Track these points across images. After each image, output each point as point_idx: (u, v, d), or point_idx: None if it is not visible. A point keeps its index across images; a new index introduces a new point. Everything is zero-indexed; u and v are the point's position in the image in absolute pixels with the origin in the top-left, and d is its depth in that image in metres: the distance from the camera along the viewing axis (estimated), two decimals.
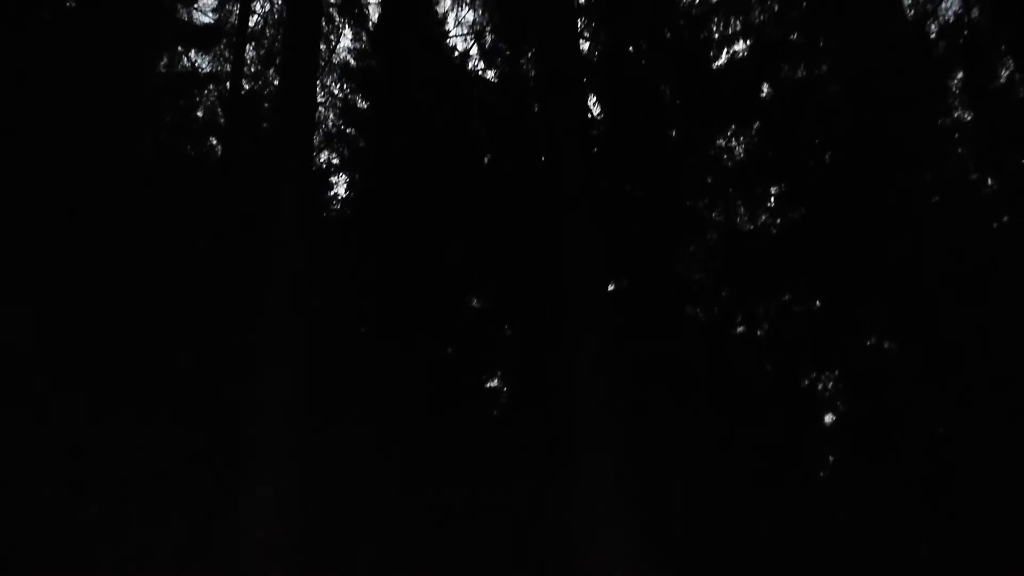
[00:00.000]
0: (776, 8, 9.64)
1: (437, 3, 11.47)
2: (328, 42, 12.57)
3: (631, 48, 9.77)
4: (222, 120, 11.03)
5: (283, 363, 6.49)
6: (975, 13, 8.53)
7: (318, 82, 12.01)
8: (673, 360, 8.03)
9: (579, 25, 10.71)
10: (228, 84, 11.39)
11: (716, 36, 9.47)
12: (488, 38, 11.39)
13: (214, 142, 10.78)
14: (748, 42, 9.43)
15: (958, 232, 7.12)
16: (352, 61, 11.41)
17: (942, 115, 8.08)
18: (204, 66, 11.90)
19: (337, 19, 12.64)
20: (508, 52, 11.08)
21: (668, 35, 9.52)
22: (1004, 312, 7.17)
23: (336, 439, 7.77)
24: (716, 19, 9.78)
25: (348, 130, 10.77)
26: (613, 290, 8.99)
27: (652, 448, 7.26)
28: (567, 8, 9.52)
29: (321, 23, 11.57)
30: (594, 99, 10.36)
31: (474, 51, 11.13)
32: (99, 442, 6.86)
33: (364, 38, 11.70)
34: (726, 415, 7.74)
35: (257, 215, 7.99)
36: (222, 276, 8.60)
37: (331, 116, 11.34)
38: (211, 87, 11.19)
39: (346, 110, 10.91)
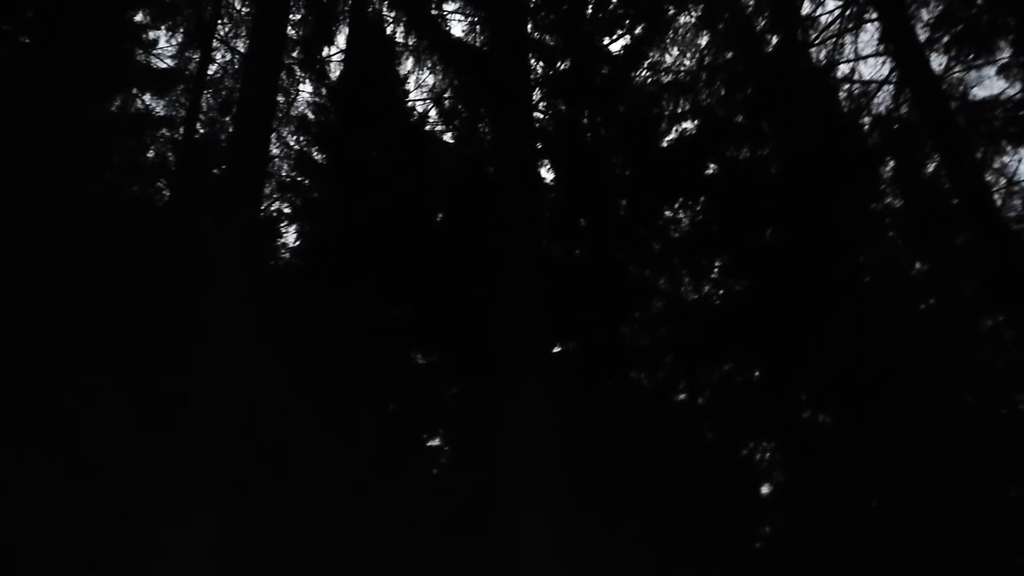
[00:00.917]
0: (723, 92, 10.20)
1: (399, 64, 11.73)
2: (287, 94, 12.71)
3: (585, 119, 10.12)
4: (172, 163, 10.94)
5: (213, 420, 6.32)
6: (904, 109, 9.16)
7: (274, 132, 12.11)
8: (616, 424, 8.07)
9: (536, 94, 11.13)
10: (182, 129, 11.36)
11: (667, 113, 9.93)
12: (447, 102, 11.67)
13: (163, 184, 10.63)
14: (696, 121, 9.92)
15: (888, 311, 7.47)
16: (311, 115, 11.50)
17: (875, 201, 8.58)
18: (159, 110, 11.87)
19: (298, 73, 12.83)
20: (466, 115, 11.34)
21: (621, 109, 9.93)
22: (928, 390, 7.49)
23: (267, 499, 7.49)
24: (667, 97, 10.27)
25: (303, 180, 10.77)
26: (559, 352, 9.07)
27: (592, 512, 7.20)
28: (524, 77, 9.91)
29: (280, 76, 11.73)
30: (548, 166, 10.64)
31: (433, 113, 11.33)
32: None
33: (324, 93, 11.84)
34: (667, 482, 7.76)
35: (201, 260, 7.86)
36: (157, 320, 8.36)
37: (286, 166, 11.35)
38: (164, 131, 11.12)
39: (301, 161, 10.94)
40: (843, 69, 9.73)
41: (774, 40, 9.87)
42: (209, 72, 12.42)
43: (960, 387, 7.83)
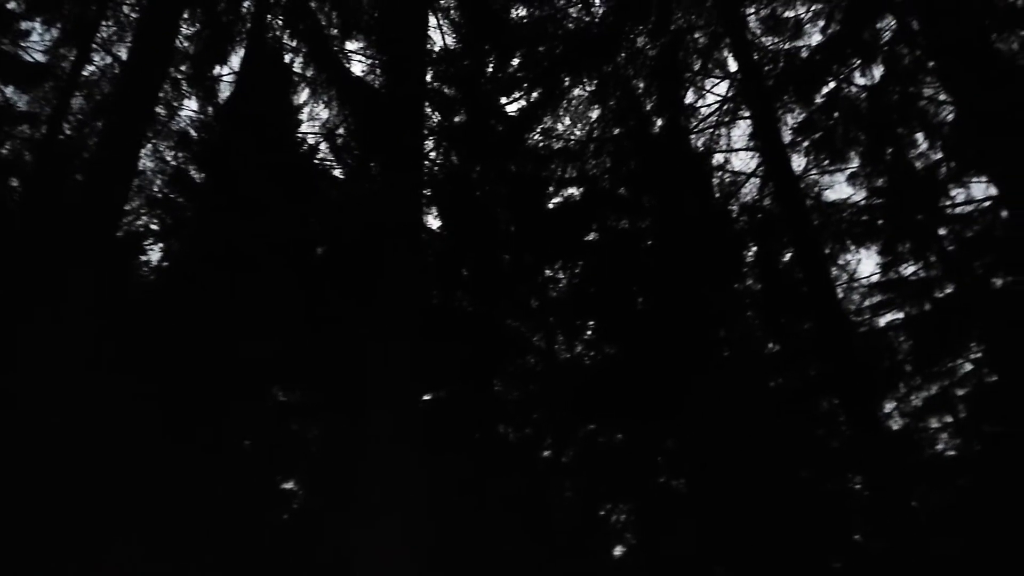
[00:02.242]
0: (608, 163, 10.74)
1: (294, 94, 11.53)
2: (169, 108, 12.12)
3: (476, 173, 10.32)
4: (29, 163, 10.09)
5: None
6: (767, 202, 10.01)
7: (150, 145, 11.48)
8: (481, 477, 8.03)
9: (430, 142, 11.26)
10: (45, 128, 10.55)
11: (555, 177, 10.32)
12: (340, 139, 11.55)
13: (15, 183, 9.76)
14: (582, 188, 10.37)
15: (742, 386, 7.99)
16: (193, 132, 11.02)
17: (738, 281, 9.25)
18: (21, 105, 10.99)
19: (184, 87, 12.30)
20: (357, 154, 11.26)
21: (512, 168, 10.21)
22: (771, 464, 8.01)
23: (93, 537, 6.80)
24: (556, 162, 10.68)
25: (176, 198, 10.22)
26: (430, 399, 8.98)
27: (451, 565, 7.06)
28: (419, 124, 10.02)
29: (163, 87, 11.21)
30: (436, 214, 10.71)
31: (324, 147, 11.17)
32: None
33: (210, 111, 11.40)
34: (527, 538, 7.76)
35: (47, 270, 7.22)
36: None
37: (159, 181, 10.75)
38: (25, 127, 10.28)
39: (177, 178, 10.40)
40: (718, 158, 10.57)
41: (659, 122, 10.59)
42: (84, 73, 11.69)
43: (798, 463, 8.42)
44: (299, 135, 11.02)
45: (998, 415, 8.05)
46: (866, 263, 25.80)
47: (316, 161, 10.70)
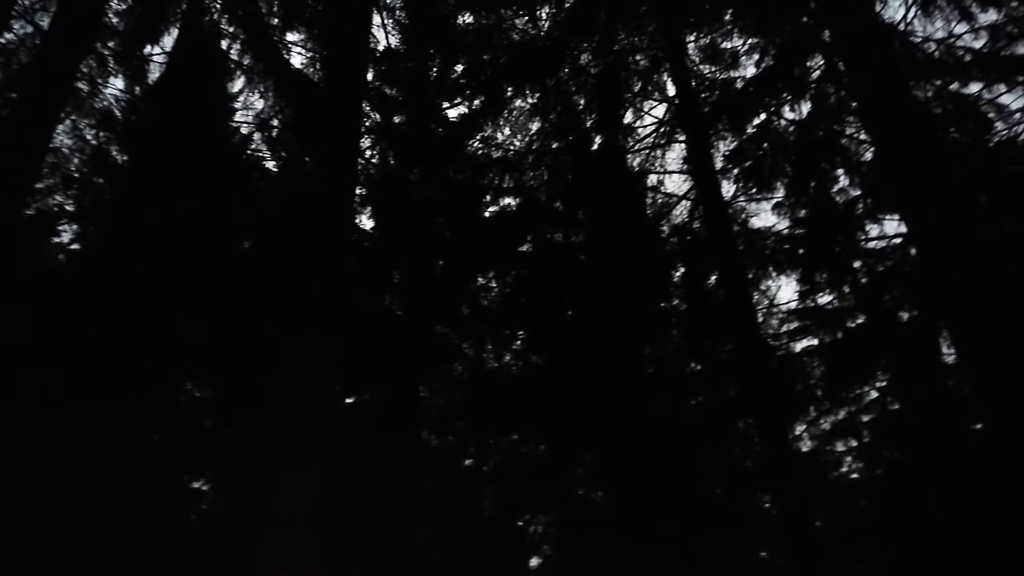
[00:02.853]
0: (546, 176, 10.85)
1: (229, 81, 11.17)
2: (93, 84, 11.54)
3: (414, 176, 10.24)
4: None
5: None
6: (696, 224, 10.31)
7: (69, 121, 10.89)
8: (400, 482, 7.93)
9: (368, 141, 11.11)
10: None
11: (493, 186, 10.35)
12: (274, 130, 11.26)
13: None
14: (518, 199, 10.43)
15: (665, 402, 8.19)
16: (118, 111, 10.52)
17: (665, 301, 9.49)
18: None
19: (110, 65, 11.74)
20: (291, 147, 11.01)
21: (450, 174, 10.18)
22: (690, 481, 8.23)
23: None
24: (494, 171, 10.71)
25: (95, 179, 9.72)
26: (353, 402, 8.83)
27: (359, 569, 6.94)
28: (356, 122, 9.88)
29: (88, 63, 10.68)
30: (370, 214, 10.56)
31: (257, 137, 10.85)
32: None
33: (138, 91, 10.91)
34: (441, 545, 7.71)
35: None
36: None
37: (77, 160, 10.20)
38: None
39: (98, 158, 9.90)
40: (652, 179, 10.84)
41: (598, 139, 10.77)
42: (1, 41, 11.01)
43: (713, 480, 8.69)
44: (232, 123, 10.67)
45: (898, 441, 8.52)
46: (785, 290, 26.72)
47: (248, 151, 10.39)
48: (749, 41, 10.32)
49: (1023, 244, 8.21)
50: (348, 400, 8.98)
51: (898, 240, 9.03)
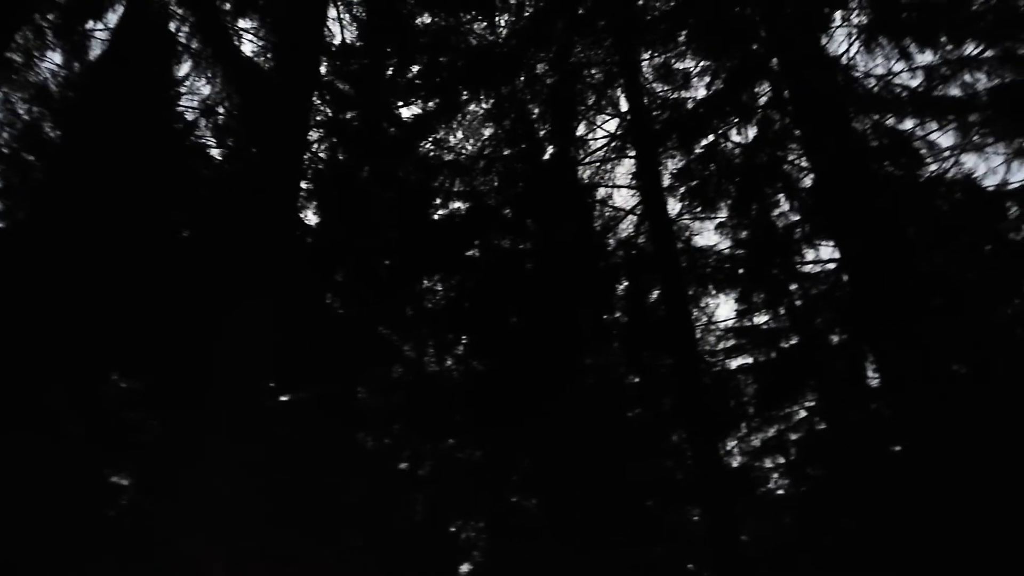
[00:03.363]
0: (496, 183, 10.87)
1: (176, 65, 10.83)
2: (27, 56, 11.03)
3: (364, 174, 10.12)
4: None
5: None
6: (642, 240, 10.47)
7: (1, 93, 10.37)
8: (334, 484, 7.80)
9: (315, 136, 10.93)
10: None
11: (443, 189, 10.31)
12: (221, 117, 10.97)
13: None
14: (468, 203, 10.41)
15: (602, 413, 8.28)
16: (54, 86, 10.07)
17: (608, 312, 9.60)
18: None
19: (49, 38, 11.24)
20: (238, 136, 10.73)
21: (400, 174, 10.10)
22: (621, 492, 8.34)
23: None
24: (445, 174, 10.67)
25: (25, 155, 9.29)
26: (288, 400, 8.64)
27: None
28: (305, 113, 9.73)
29: (22, 32, 10.20)
30: (315, 209, 10.38)
31: (203, 124, 10.55)
32: None
33: (77, 68, 10.47)
34: (375, 550, 7.61)
35: None
36: None
37: (6, 135, 9.72)
38: None
39: (29, 133, 9.46)
40: (601, 192, 10.97)
41: (551, 149, 10.85)
42: None
43: (645, 491, 8.82)
44: (177, 108, 10.35)
45: (822, 460, 8.83)
46: (724, 308, 27.33)
47: (193, 137, 10.09)
48: (701, 64, 10.56)
49: (946, 278, 8.64)
50: (284, 398, 8.79)
51: (832, 265, 9.36)
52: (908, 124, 9.64)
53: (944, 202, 8.92)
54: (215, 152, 10.41)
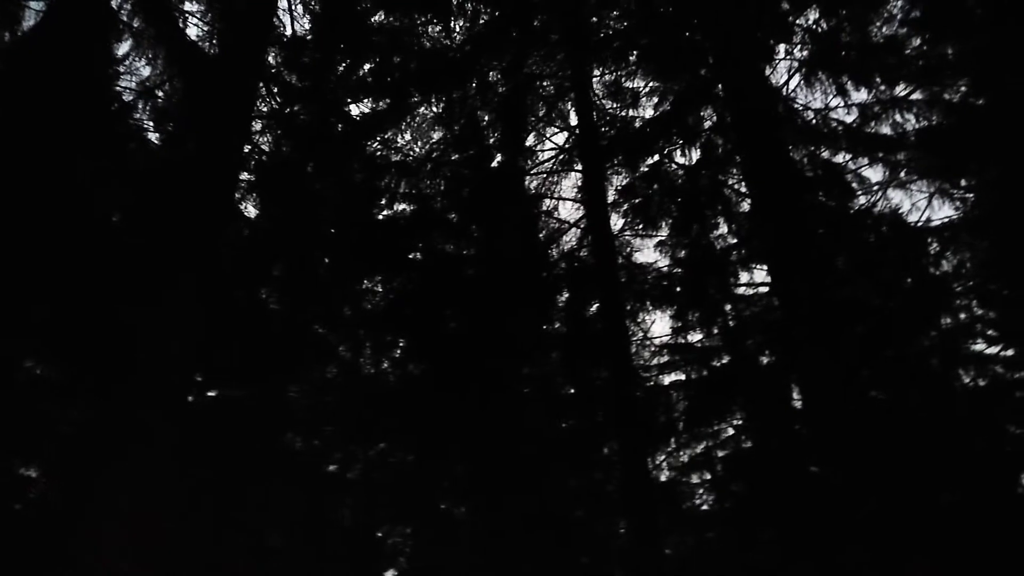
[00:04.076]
0: (443, 187, 10.84)
1: (116, 42, 10.41)
2: None
3: (309, 168, 9.94)
4: None
5: None
6: (584, 252, 10.62)
7: None
8: (259, 485, 7.60)
9: (257, 126, 10.68)
10: None
11: (389, 189, 10.21)
12: (160, 101, 10.59)
13: None
14: (413, 206, 10.34)
15: (537, 425, 8.34)
16: None
17: (547, 323, 9.69)
18: None
19: None
20: (177, 121, 10.38)
21: (347, 171, 9.96)
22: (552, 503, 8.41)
23: None
24: (392, 174, 10.57)
25: None
26: (215, 396, 8.38)
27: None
28: (249, 102, 9.52)
29: None
30: (255, 201, 10.13)
31: (141, 106, 10.16)
32: None
33: (7, 38, 9.95)
34: (299, 553, 7.44)
35: None
36: None
37: None
38: None
39: None
40: (547, 203, 11.09)
41: (499, 157, 10.90)
42: None
43: (575, 502, 8.92)
44: (114, 88, 9.94)
45: (746, 477, 9.10)
46: (660, 324, 27.79)
47: (130, 120, 9.71)
48: (650, 84, 10.81)
49: (869, 307, 9.05)
50: (211, 393, 8.53)
51: (764, 289, 9.68)
52: (841, 157, 10.09)
53: (871, 234, 9.34)
54: (152, 136, 10.02)
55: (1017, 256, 8.68)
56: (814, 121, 10.11)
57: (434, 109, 11.21)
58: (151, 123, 10.05)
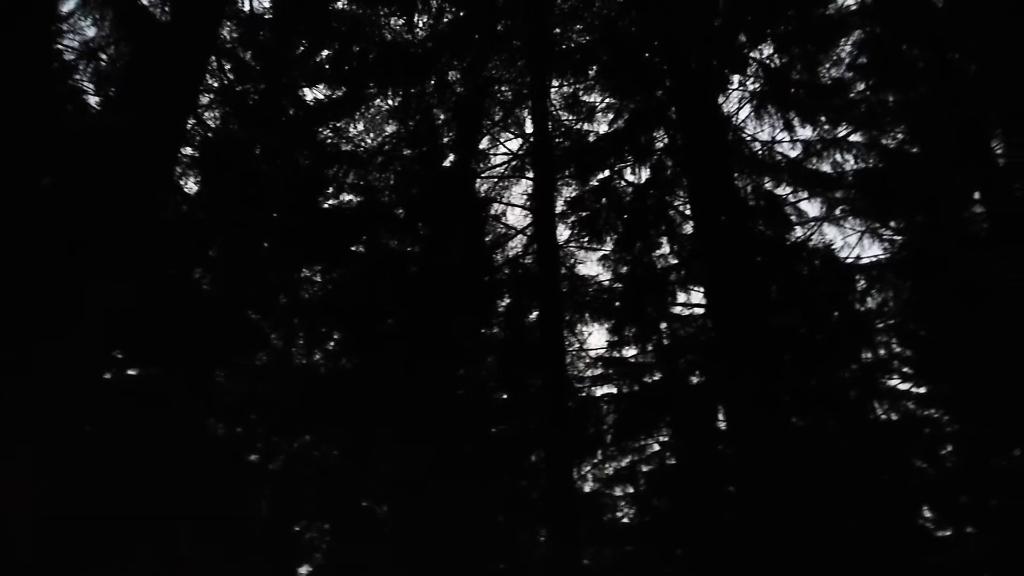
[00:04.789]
0: (392, 181, 10.72)
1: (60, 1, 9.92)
2: None
3: (256, 150, 9.69)
4: None
5: None
6: (528, 260, 10.66)
7: None
8: (171, 471, 7.32)
9: (205, 100, 10.35)
10: None
11: (337, 179, 10.03)
12: (104, 63, 10.15)
13: None
14: (360, 198, 10.18)
15: (467, 425, 8.31)
16: None
17: (487, 327, 9.68)
18: None
19: None
20: (123, 86, 9.97)
21: (295, 157, 9.74)
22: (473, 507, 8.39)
23: None
24: (340, 165, 10.39)
25: None
26: (137, 375, 8.07)
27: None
28: (198, 74, 9.21)
29: None
30: (197, 177, 9.81)
31: (84, 68, 9.72)
32: None
33: None
34: (211, 543, 7.21)
35: None
36: None
37: None
38: None
39: None
40: (496, 207, 11.10)
41: (452, 157, 10.85)
42: None
43: (498, 508, 8.92)
44: (55, 46, 9.48)
45: (668, 493, 9.28)
46: (596, 337, 27.90)
47: (70, 81, 9.28)
48: (607, 101, 10.95)
49: (797, 337, 9.37)
50: (131, 372, 8.21)
51: (700, 311, 9.90)
52: (783, 190, 10.43)
53: (804, 267, 9.68)
54: (93, 100, 9.59)
55: (936, 299, 9.13)
56: (760, 152, 10.42)
57: (390, 102, 11.10)
58: (92, 86, 9.65)
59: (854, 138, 10.09)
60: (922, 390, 9.30)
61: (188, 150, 10.16)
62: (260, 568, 7.54)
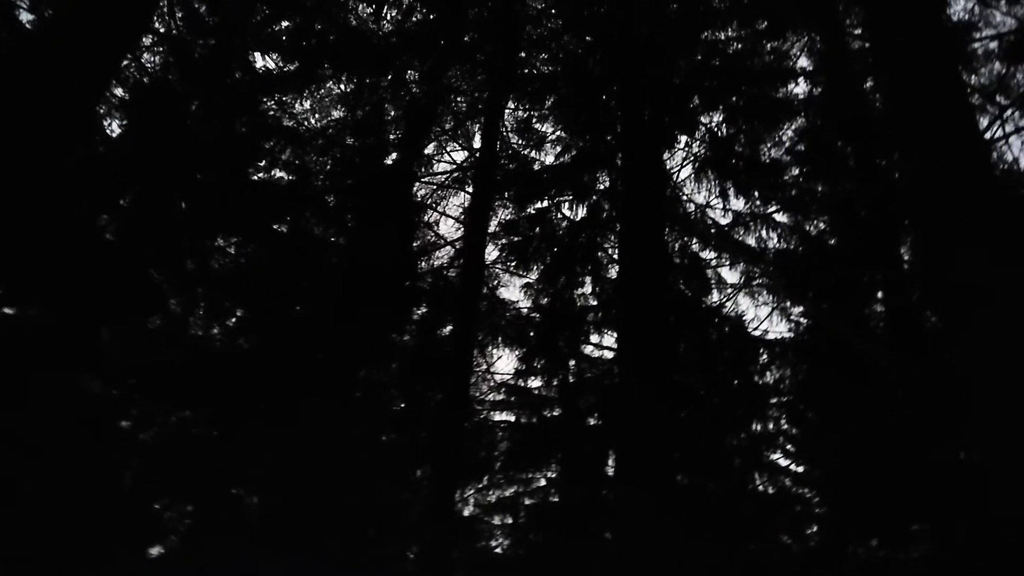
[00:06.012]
0: (328, 166, 10.44)
1: None
2: None
3: (193, 106, 9.22)
4: None
5: None
6: (453, 273, 10.54)
7: None
8: (29, 426, 6.74)
9: (147, 41, 9.80)
10: None
11: (272, 153, 9.68)
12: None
13: None
14: (293, 177, 9.83)
15: (359, 432, 8.06)
16: None
17: (398, 332, 9.49)
18: None
19: None
20: (59, 6, 9.31)
21: (234, 123, 9.33)
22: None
23: None
24: (278, 140, 10.02)
25: None
26: (7, 314, 7.41)
27: None
28: (143, 11, 8.72)
29: None
30: (121, 121, 9.25)
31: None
32: None
33: None
34: (59, 512, 6.65)
35: None
36: None
37: None
38: None
39: None
40: (431, 215, 10.99)
41: (394, 155, 10.67)
42: None
43: (373, 519, 8.66)
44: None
45: (547, 530, 9.27)
46: (505, 362, 27.75)
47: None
48: (559, 133, 11.07)
49: (697, 398, 9.62)
50: (7, 310, 7.54)
51: (610, 355, 10.03)
52: (708, 253, 10.76)
53: (714, 331, 9.97)
54: (24, 16, 8.90)
55: (826, 386, 9.56)
56: (693, 214, 10.72)
57: (342, 87, 10.85)
58: (27, 2, 8.95)
59: (781, 218, 10.55)
60: (800, 469, 9.69)
61: (119, 91, 9.64)
62: (108, 539, 7.01)
